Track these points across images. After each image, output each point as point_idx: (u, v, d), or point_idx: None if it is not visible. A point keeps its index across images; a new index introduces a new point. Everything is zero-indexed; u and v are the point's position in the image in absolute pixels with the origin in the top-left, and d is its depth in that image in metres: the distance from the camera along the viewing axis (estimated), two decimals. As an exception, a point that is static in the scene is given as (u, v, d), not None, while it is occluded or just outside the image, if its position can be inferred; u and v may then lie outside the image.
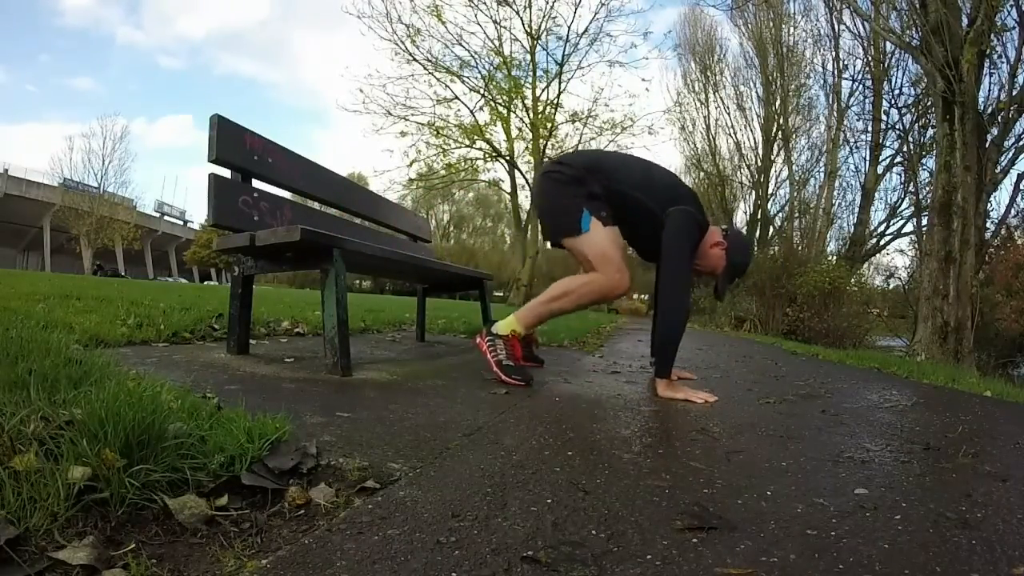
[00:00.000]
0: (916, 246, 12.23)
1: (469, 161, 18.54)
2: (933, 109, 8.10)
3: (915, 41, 7.42)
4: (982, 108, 7.71)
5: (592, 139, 17.96)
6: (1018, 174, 9.83)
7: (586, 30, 17.50)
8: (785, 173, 18.29)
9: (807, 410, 1.73)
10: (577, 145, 17.36)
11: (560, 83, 17.87)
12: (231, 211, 1.91)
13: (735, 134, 20.08)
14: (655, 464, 1.03)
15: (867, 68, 13.90)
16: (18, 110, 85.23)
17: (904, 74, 12.78)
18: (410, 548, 0.65)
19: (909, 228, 14.03)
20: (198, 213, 46.27)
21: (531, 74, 17.85)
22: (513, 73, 17.46)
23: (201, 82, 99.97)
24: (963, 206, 6.35)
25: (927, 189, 11.25)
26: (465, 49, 17.25)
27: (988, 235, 9.30)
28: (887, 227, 14.62)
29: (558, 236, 1.94)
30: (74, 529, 0.61)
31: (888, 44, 12.36)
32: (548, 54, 18.24)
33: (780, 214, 19.00)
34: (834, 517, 0.80)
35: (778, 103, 18.22)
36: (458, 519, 0.73)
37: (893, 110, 13.02)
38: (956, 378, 3.06)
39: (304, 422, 1.12)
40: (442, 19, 16.51)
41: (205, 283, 31.34)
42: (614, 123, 17.84)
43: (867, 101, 14.33)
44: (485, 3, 16.66)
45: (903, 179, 13.80)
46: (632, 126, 17.80)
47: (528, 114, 17.78)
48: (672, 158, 39.10)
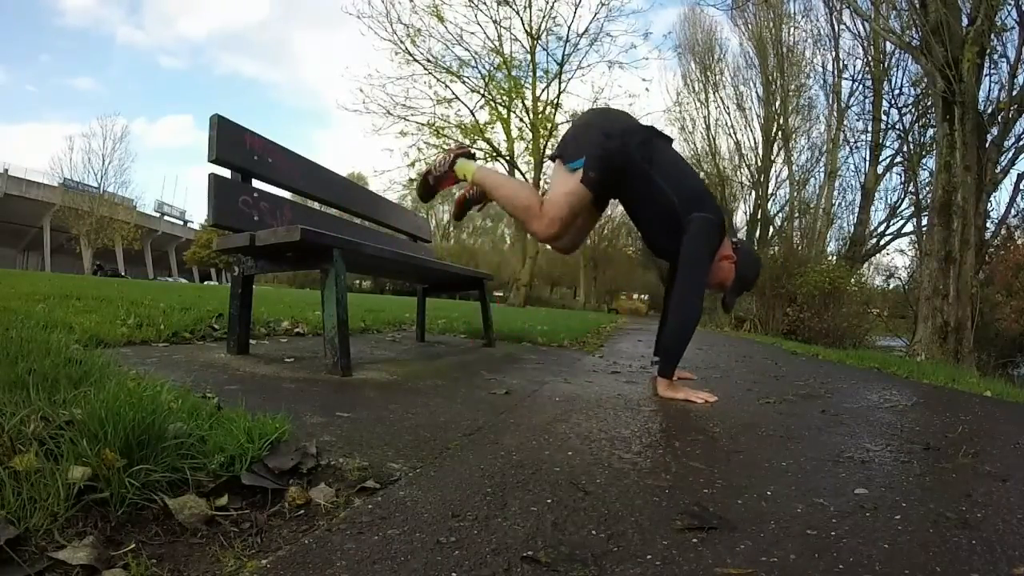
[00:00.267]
0: (916, 246, 12.22)
1: (469, 161, 18.54)
2: (933, 109, 8.10)
3: (915, 41, 7.42)
4: (982, 108, 7.70)
5: (592, 139, 17.94)
6: (1018, 174, 9.84)
7: (586, 30, 17.61)
8: (785, 173, 18.29)
9: (807, 410, 1.73)
10: None
11: (560, 83, 17.94)
12: (231, 211, 1.91)
13: (735, 134, 20.10)
14: (655, 464, 1.03)
15: (867, 68, 13.89)
16: (18, 110, 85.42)
17: (904, 74, 12.78)
18: (410, 548, 0.65)
19: (909, 228, 14.04)
20: (198, 213, 46.38)
21: (531, 74, 17.90)
22: (513, 73, 17.52)
23: (202, 82, 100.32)
24: (963, 206, 6.35)
25: (927, 189, 11.26)
26: (465, 49, 17.31)
27: (988, 235, 9.29)
28: (887, 227, 14.63)
29: (555, 153, 1.96)
30: (74, 529, 0.61)
31: (888, 44, 12.35)
32: (548, 54, 18.36)
33: (780, 214, 19.00)
34: (834, 517, 0.80)
35: (778, 103, 18.20)
36: (458, 519, 0.73)
37: (893, 110, 13.01)
38: (956, 378, 3.07)
39: (304, 422, 1.12)
40: (442, 19, 16.55)
41: (205, 283, 31.35)
42: (615, 123, 17.84)
43: (867, 101, 14.33)
44: (485, 3, 16.73)
45: (903, 179, 13.81)
46: (632, 126, 17.80)
47: (528, 114, 17.82)
48: (672, 158, 38.93)
